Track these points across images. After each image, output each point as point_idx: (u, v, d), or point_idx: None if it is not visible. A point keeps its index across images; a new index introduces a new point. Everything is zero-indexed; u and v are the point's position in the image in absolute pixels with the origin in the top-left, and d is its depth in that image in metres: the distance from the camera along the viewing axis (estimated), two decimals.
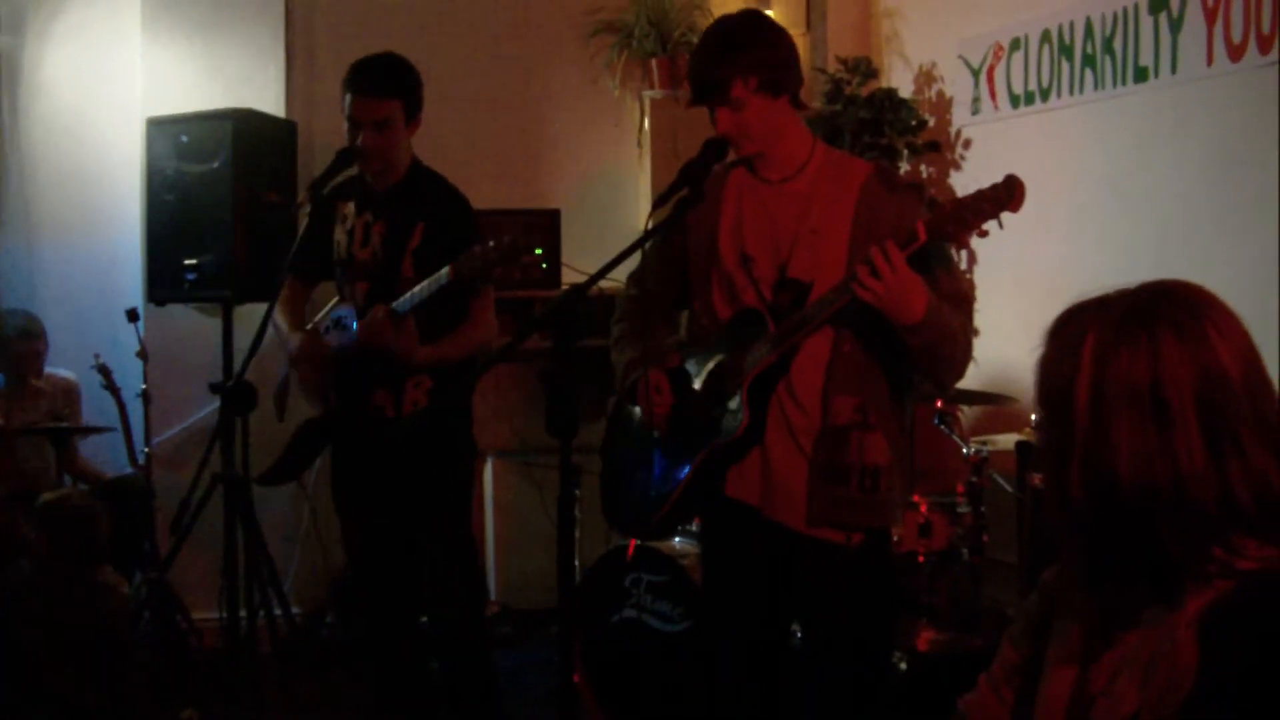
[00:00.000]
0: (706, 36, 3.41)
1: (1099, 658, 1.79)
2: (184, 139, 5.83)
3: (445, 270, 4.08)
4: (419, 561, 4.55)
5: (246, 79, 6.42)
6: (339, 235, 4.55)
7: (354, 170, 4.49)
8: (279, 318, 4.58)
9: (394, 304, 4.20)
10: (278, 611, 4.85)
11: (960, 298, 3.27)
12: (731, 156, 3.41)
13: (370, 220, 4.48)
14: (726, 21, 3.43)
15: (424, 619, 4.77)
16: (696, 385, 3.42)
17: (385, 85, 4.37)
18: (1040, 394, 1.83)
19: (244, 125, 5.82)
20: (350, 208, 4.53)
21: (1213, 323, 1.72)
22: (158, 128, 5.95)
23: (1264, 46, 4.87)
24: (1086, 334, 1.76)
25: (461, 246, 4.11)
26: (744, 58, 3.24)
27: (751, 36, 3.31)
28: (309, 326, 4.63)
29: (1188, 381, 1.68)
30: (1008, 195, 2.89)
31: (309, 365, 4.50)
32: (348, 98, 4.36)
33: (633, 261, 3.42)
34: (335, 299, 4.65)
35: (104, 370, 5.72)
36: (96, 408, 6.02)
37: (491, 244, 3.99)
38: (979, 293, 6.14)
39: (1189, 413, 1.67)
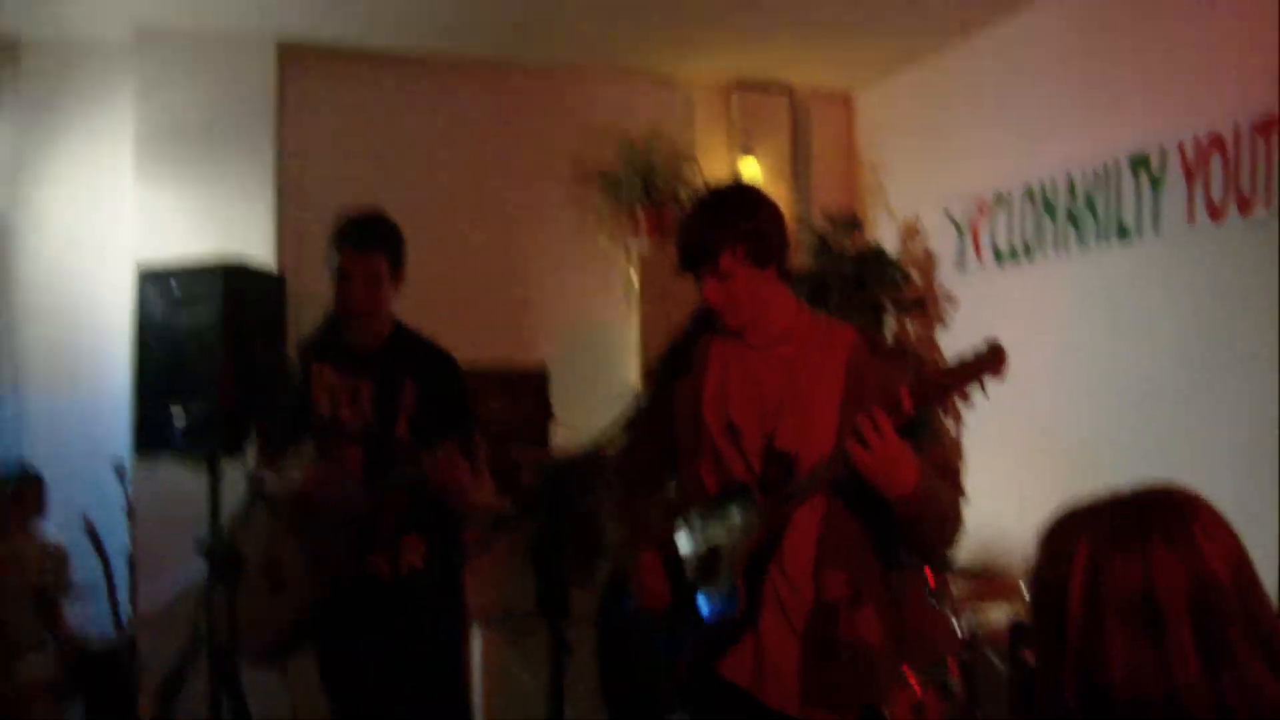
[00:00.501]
0: (697, 206, 3.43)
1: None
2: (175, 290, 5.84)
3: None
4: None
5: (238, 224, 6.49)
6: (320, 396, 4.46)
7: (320, 328, 4.49)
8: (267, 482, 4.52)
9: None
10: None
11: (948, 469, 3.27)
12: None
13: (356, 383, 4.41)
14: (717, 193, 3.47)
15: None
16: (688, 563, 3.38)
17: (373, 240, 4.36)
18: (1032, 602, 1.83)
19: (235, 279, 5.81)
20: (329, 370, 4.46)
21: (1201, 527, 1.72)
22: (148, 279, 5.95)
23: (1244, 207, 4.94)
24: (1079, 542, 1.75)
25: (456, 408, 4.09)
26: (733, 228, 3.25)
27: (741, 208, 3.33)
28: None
29: (1180, 589, 1.68)
30: (990, 361, 2.90)
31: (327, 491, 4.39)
32: (334, 252, 4.34)
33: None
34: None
35: (92, 533, 5.67)
36: (81, 565, 5.95)
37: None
38: (967, 454, 6.15)
39: (1182, 621, 1.67)
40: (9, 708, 4.55)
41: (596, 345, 7.14)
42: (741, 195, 3.44)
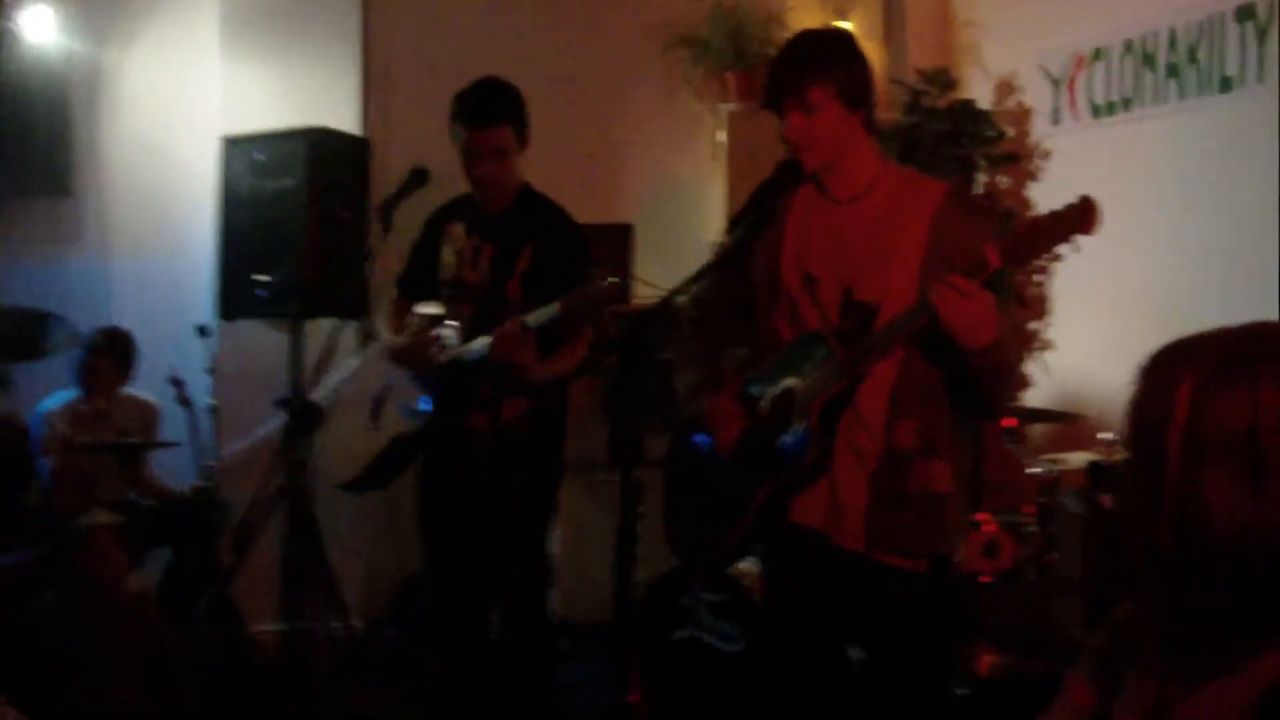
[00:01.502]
0: (791, 42, 3.40)
1: (1173, 710, 1.71)
2: (259, 157, 5.87)
3: (555, 306, 4.04)
4: (496, 575, 4.54)
5: (323, 96, 6.48)
6: (447, 256, 4.56)
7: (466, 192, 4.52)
8: (384, 330, 4.67)
9: (526, 318, 4.15)
10: (338, 623, 4.83)
11: (1017, 331, 3.21)
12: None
13: (480, 243, 4.49)
14: (812, 33, 3.49)
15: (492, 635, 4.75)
16: (762, 410, 3.35)
17: (497, 113, 4.37)
18: (1129, 436, 1.74)
19: (318, 144, 5.84)
20: (460, 229, 4.55)
21: None
22: (234, 146, 5.99)
23: None
24: (1182, 378, 1.66)
25: (571, 271, 4.12)
26: (828, 64, 3.21)
27: (835, 49, 3.29)
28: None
29: None
30: (1081, 218, 2.82)
31: (417, 366, 4.50)
32: (459, 130, 4.37)
33: None
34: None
35: (178, 383, 5.77)
36: (167, 422, 6.08)
37: (602, 283, 3.96)
38: (1055, 304, 6.06)
39: None
40: (91, 558, 4.65)
41: (683, 204, 7.08)
42: (836, 37, 3.42)
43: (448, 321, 4.50)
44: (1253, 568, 1.60)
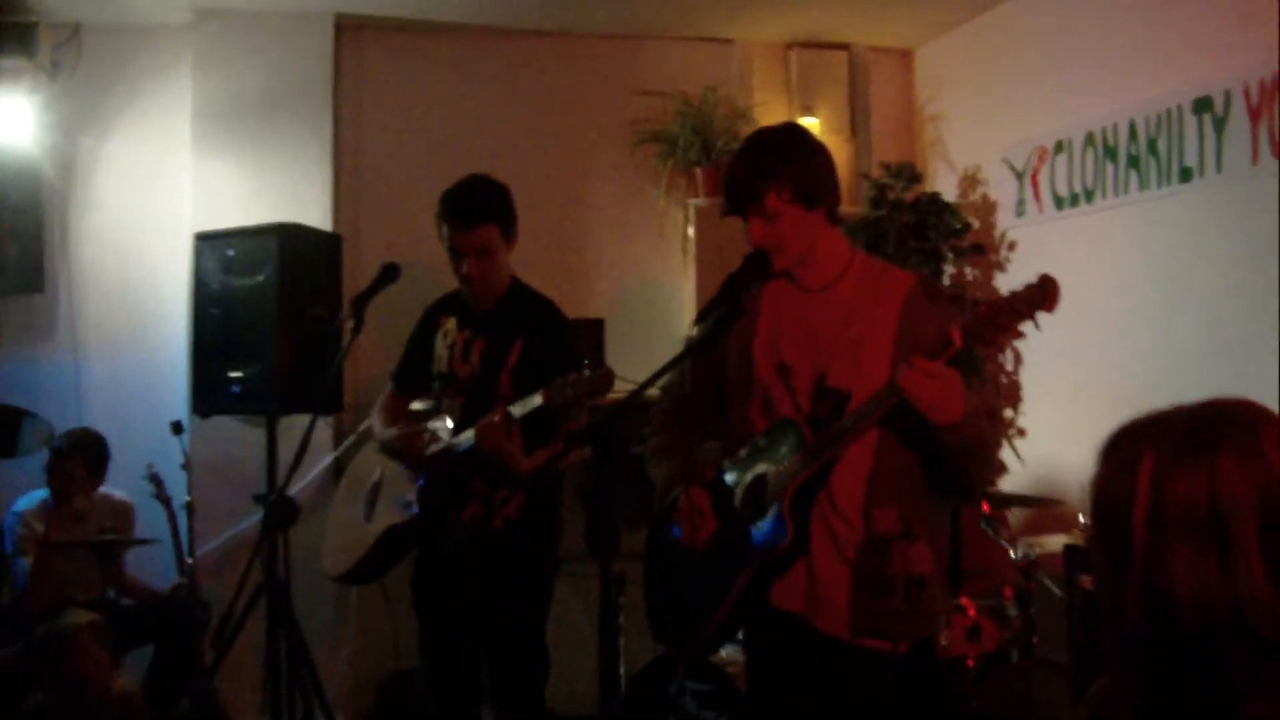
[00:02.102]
0: (743, 148, 3.40)
1: None
2: (231, 253, 5.90)
3: (537, 396, 4.05)
4: (492, 669, 4.53)
5: (294, 193, 6.52)
6: (440, 349, 4.59)
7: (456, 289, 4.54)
8: (376, 422, 4.67)
9: (510, 408, 4.17)
10: None
11: (988, 410, 3.23)
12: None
13: (470, 337, 4.52)
14: (763, 133, 3.43)
15: None
16: (736, 499, 3.36)
17: (482, 212, 4.41)
18: (1094, 515, 1.77)
19: (290, 240, 5.87)
20: (452, 323, 4.59)
21: (1271, 441, 1.67)
22: (205, 243, 6.02)
23: None
24: (1143, 455, 1.70)
25: (558, 365, 4.10)
26: (779, 169, 3.23)
27: (787, 149, 3.30)
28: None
29: (1248, 504, 1.63)
30: (1042, 296, 2.82)
31: (409, 458, 4.50)
32: (445, 230, 4.41)
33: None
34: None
35: (156, 480, 5.71)
36: (144, 519, 6.02)
37: (585, 373, 3.96)
38: (1025, 392, 6.11)
39: (1250, 536, 1.62)
40: (75, 657, 4.62)
41: (653, 298, 7.14)
42: (787, 136, 3.41)
43: (436, 416, 4.53)
44: (1221, 640, 1.63)
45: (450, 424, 4.44)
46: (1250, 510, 1.63)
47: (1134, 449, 1.72)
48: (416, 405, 4.75)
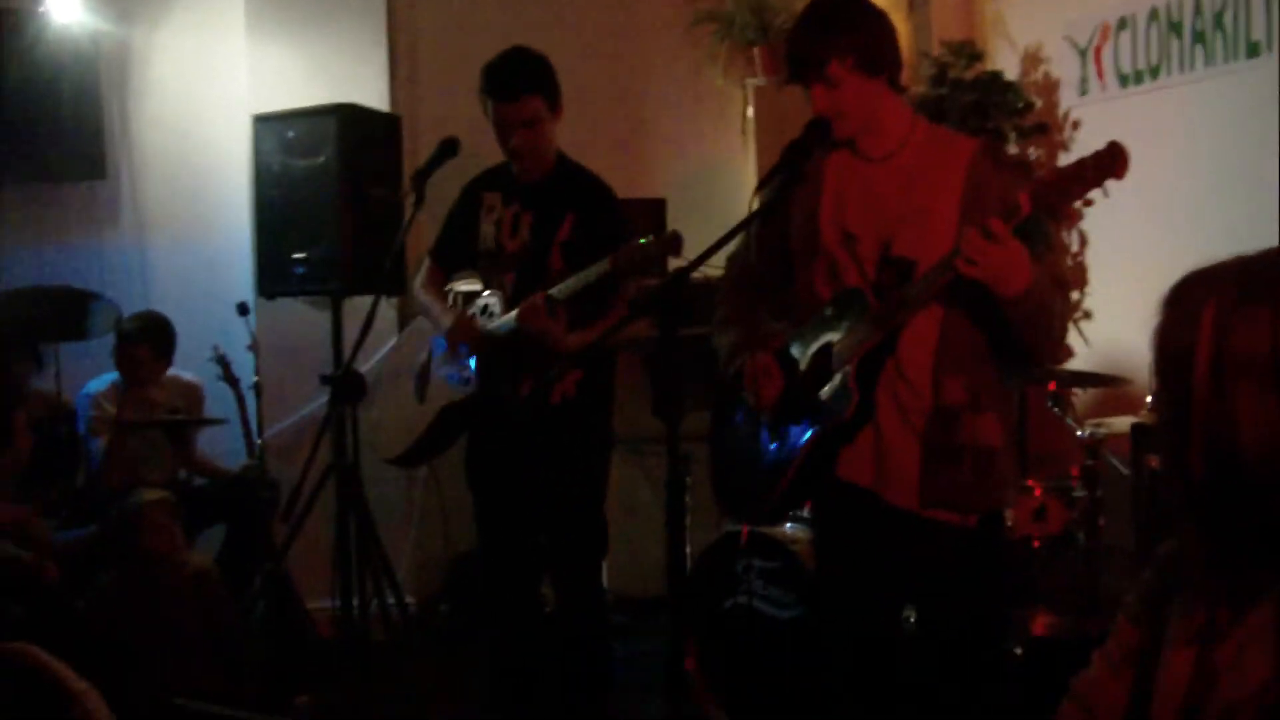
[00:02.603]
0: (804, 15, 3.37)
1: (1225, 634, 1.75)
2: (290, 135, 5.91)
3: (604, 261, 4.04)
4: (550, 545, 4.58)
5: (350, 74, 6.50)
6: (486, 226, 4.56)
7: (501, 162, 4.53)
8: (424, 298, 4.66)
9: (551, 290, 4.18)
10: (391, 600, 4.87)
11: (1058, 279, 3.24)
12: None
13: (519, 211, 4.49)
14: (824, 1, 3.39)
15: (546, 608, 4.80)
16: (802, 366, 3.37)
17: (525, 84, 4.36)
18: (1157, 365, 1.78)
19: (348, 120, 5.88)
20: (497, 198, 4.55)
21: None
22: (264, 124, 6.03)
23: None
24: (1205, 303, 1.71)
25: (611, 239, 4.10)
26: (840, 37, 3.22)
27: (848, 16, 3.28)
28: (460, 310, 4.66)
29: None
30: (1111, 162, 2.81)
31: (466, 339, 4.50)
32: (489, 103, 4.37)
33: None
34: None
35: (223, 361, 5.76)
36: (212, 400, 6.09)
37: (652, 236, 3.97)
38: (1091, 274, 6.07)
39: None
40: (148, 534, 4.68)
41: (714, 179, 7.10)
42: (849, 3, 3.37)
43: (488, 292, 4.54)
44: None
45: (500, 299, 4.44)
46: None
47: (1196, 298, 1.72)
48: (461, 286, 4.76)
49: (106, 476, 5.68)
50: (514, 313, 4.30)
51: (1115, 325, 5.79)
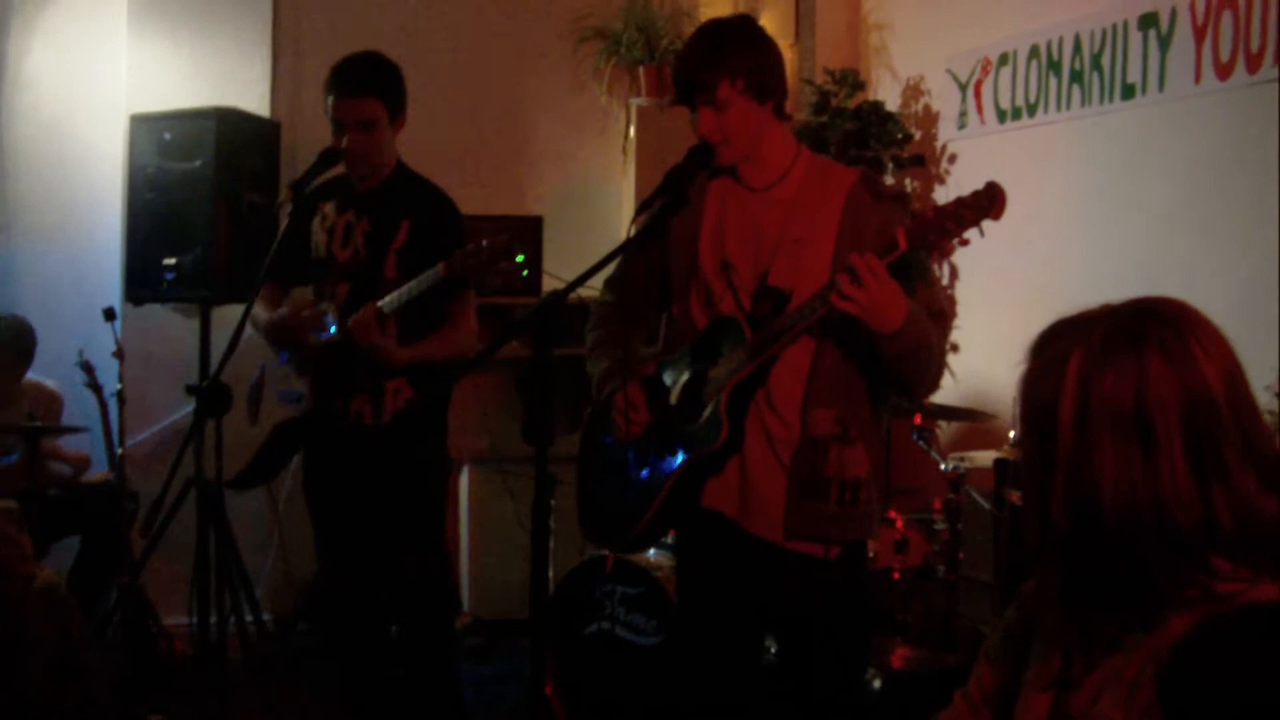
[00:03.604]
0: (695, 36, 3.38)
1: (1080, 681, 1.76)
2: (167, 136, 5.81)
3: (437, 267, 3.99)
4: (390, 569, 4.49)
5: (231, 77, 6.41)
6: (318, 234, 4.48)
7: (337, 170, 4.43)
8: (260, 313, 4.52)
9: (379, 303, 4.12)
10: (249, 618, 4.79)
11: (936, 312, 3.25)
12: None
13: (353, 220, 4.41)
14: (717, 23, 3.41)
15: (393, 628, 4.72)
16: (673, 395, 3.38)
17: (366, 85, 4.31)
18: (1022, 412, 1.80)
19: (227, 124, 5.79)
20: (330, 207, 4.47)
21: (1198, 341, 1.70)
22: (141, 124, 5.92)
23: (1252, 65, 4.86)
24: (1071, 353, 1.73)
25: (447, 248, 4.04)
26: (732, 59, 3.22)
27: (741, 39, 3.29)
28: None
29: (1173, 403, 1.66)
30: (989, 202, 2.85)
31: (299, 336, 4.42)
32: (330, 99, 4.32)
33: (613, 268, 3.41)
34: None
35: (87, 368, 5.64)
36: (75, 407, 5.97)
37: (485, 242, 3.92)
38: (960, 308, 6.13)
39: (1174, 435, 1.65)
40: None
41: (592, 199, 7.11)
42: (742, 26, 3.39)
43: (321, 304, 4.44)
44: (1144, 539, 1.66)
45: (333, 314, 4.36)
46: (1175, 409, 1.65)
47: (1063, 346, 1.74)
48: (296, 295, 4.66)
49: None
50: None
51: (982, 359, 5.85)
